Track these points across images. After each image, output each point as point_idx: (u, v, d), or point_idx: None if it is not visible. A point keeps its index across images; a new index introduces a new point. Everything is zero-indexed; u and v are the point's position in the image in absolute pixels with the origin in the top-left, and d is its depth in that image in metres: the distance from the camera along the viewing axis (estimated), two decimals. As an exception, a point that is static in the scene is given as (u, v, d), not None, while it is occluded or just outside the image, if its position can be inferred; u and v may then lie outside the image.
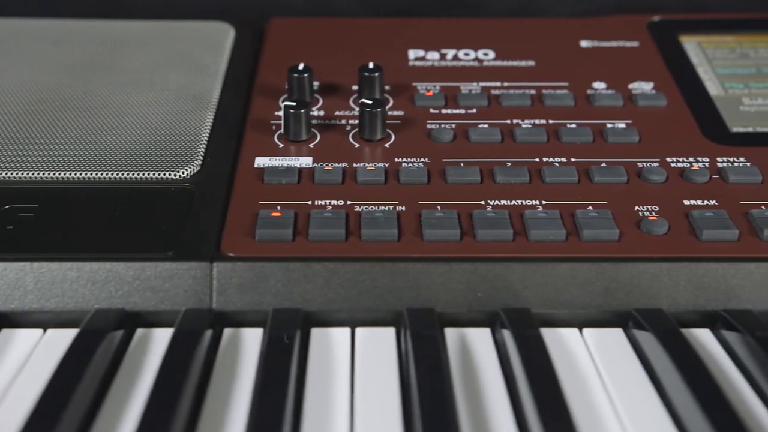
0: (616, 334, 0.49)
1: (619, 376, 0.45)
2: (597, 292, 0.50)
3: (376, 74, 0.64)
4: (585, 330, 0.49)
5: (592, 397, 0.43)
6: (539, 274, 0.50)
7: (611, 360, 0.46)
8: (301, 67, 0.64)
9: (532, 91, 0.66)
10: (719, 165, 0.58)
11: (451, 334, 0.49)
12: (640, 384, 0.44)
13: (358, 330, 0.49)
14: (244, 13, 0.85)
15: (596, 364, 0.46)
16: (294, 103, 0.59)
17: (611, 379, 0.45)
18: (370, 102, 0.60)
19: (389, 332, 0.48)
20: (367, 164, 0.58)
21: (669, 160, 0.58)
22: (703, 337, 0.49)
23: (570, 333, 0.49)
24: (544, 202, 0.54)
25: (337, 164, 0.58)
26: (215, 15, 0.78)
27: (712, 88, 0.68)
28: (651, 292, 0.50)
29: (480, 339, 0.48)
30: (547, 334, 0.48)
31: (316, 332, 0.48)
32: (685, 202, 0.54)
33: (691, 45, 0.73)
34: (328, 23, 0.76)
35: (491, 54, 0.72)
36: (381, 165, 0.58)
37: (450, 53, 0.72)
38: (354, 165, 0.58)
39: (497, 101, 0.65)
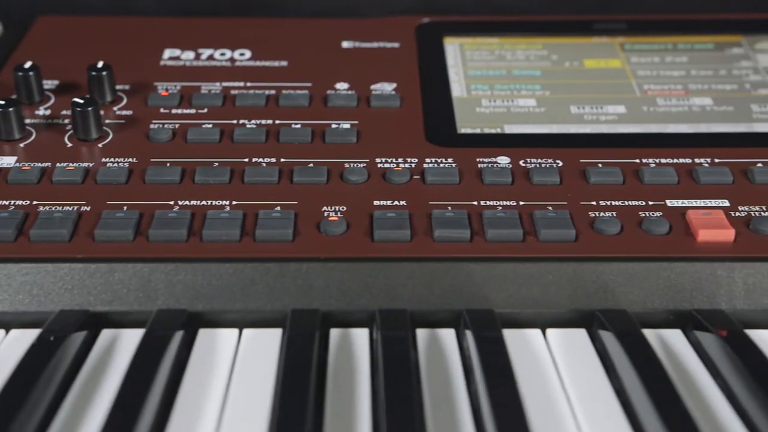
0: (275, 334, 0.49)
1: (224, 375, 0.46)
2: (262, 292, 0.50)
3: (104, 73, 0.63)
4: (245, 331, 0.49)
5: (202, 395, 0.44)
6: (208, 275, 0.50)
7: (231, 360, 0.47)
8: (27, 65, 0.64)
9: (272, 92, 0.66)
10: (425, 166, 0.58)
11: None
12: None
13: (13, 332, 0.49)
14: (50, 10, 0.84)
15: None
16: (3, 102, 0.59)
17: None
18: (81, 101, 0.59)
19: (32, 334, 0.48)
20: (69, 164, 0.57)
21: (378, 161, 0.59)
22: (359, 338, 0.49)
23: (223, 333, 0.49)
24: (234, 203, 0.55)
25: (40, 164, 0.57)
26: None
27: (457, 89, 0.68)
28: (313, 293, 0.50)
29: (131, 339, 0.48)
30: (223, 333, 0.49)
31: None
32: (375, 203, 0.55)
33: (453, 47, 0.74)
34: (95, 22, 0.76)
35: (248, 54, 0.72)
36: (83, 165, 0.57)
37: (206, 53, 0.72)
38: (57, 165, 0.57)
39: (232, 102, 0.65)
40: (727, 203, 0.54)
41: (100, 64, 0.64)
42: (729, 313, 0.48)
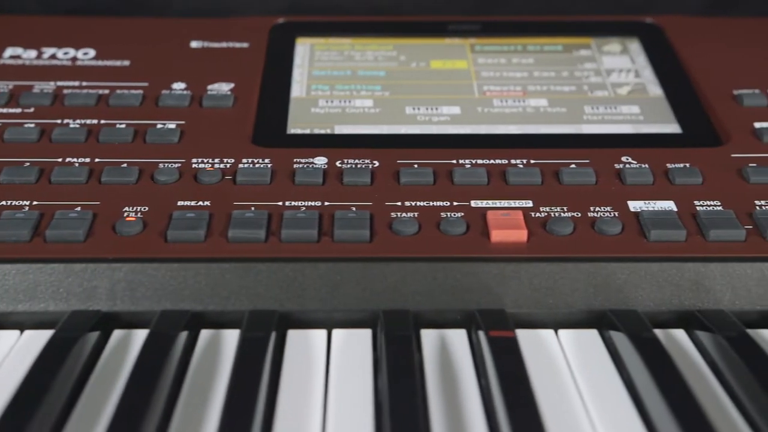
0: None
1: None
2: (46, 293, 0.49)
3: (-74, 73, 0.63)
4: (26, 332, 0.49)
5: None
6: (54, 275, 0.49)
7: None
8: None
9: (106, 91, 0.65)
10: (239, 166, 0.58)
11: None
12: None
13: None
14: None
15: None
16: None
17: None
18: None
19: None
20: None
21: (194, 161, 0.58)
22: (138, 338, 0.48)
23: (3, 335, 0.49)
24: (34, 203, 0.54)
25: None
26: None
27: (297, 90, 0.68)
28: (99, 294, 0.49)
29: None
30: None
31: None
32: (179, 203, 0.54)
33: (303, 47, 0.74)
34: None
35: (91, 53, 0.71)
36: None
37: (49, 52, 0.71)
38: None
39: (62, 101, 0.64)
40: (530, 204, 0.54)
41: None
42: (510, 314, 0.48)
